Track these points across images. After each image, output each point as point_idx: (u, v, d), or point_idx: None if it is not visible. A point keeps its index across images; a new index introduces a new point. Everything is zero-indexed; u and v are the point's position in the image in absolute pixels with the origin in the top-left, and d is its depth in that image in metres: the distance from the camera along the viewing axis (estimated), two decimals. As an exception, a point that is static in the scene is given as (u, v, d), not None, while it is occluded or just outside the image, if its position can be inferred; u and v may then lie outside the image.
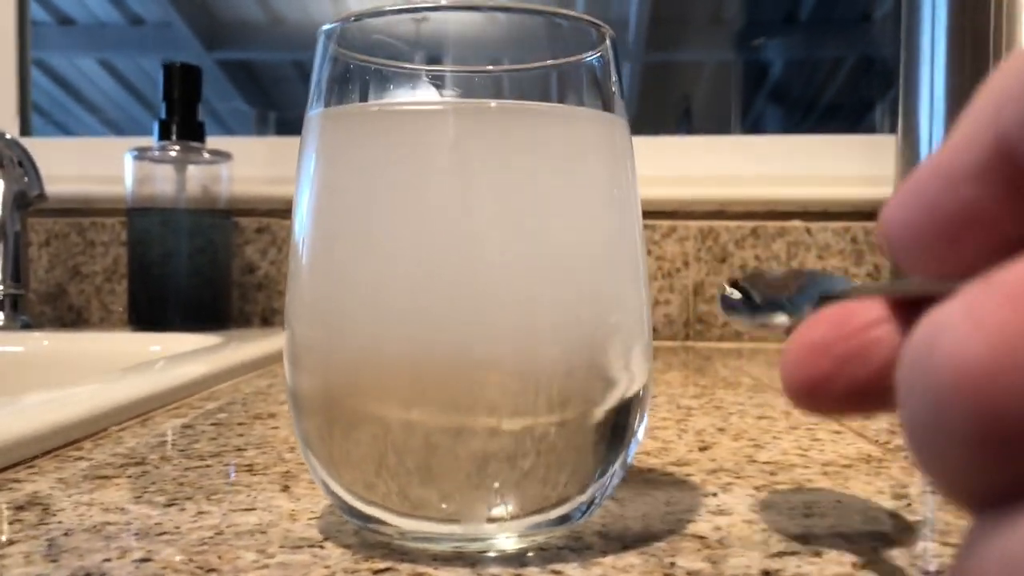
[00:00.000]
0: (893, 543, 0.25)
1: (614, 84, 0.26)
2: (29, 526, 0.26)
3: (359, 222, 0.24)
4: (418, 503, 0.23)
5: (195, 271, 0.87)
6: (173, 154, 0.87)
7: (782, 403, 0.50)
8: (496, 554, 0.24)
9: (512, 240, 0.23)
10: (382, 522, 0.24)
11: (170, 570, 0.23)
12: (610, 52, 0.26)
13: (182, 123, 0.86)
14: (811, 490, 0.31)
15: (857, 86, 1.75)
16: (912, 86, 0.73)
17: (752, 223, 0.92)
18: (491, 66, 0.26)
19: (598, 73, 0.26)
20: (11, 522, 0.27)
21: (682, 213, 0.93)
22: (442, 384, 0.23)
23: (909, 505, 0.29)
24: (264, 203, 0.95)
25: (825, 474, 0.33)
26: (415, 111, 0.24)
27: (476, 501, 0.23)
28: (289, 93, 2.47)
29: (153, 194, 0.88)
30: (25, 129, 1.04)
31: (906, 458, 0.36)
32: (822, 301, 0.14)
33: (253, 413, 0.46)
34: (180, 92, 0.86)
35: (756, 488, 0.31)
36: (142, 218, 0.87)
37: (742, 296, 0.20)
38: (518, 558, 0.23)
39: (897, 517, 0.28)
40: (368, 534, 0.25)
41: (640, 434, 0.26)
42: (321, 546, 0.25)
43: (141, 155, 0.87)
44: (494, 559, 0.23)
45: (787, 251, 0.92)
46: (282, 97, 2.61)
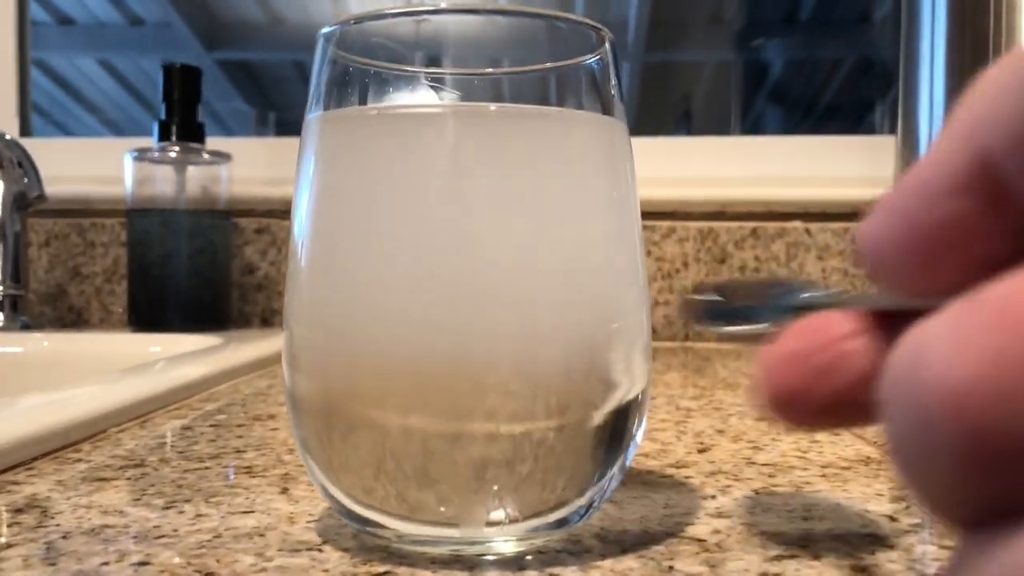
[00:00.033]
0: (892, 546, 0.25)
1: (613, 87, 0.26)
2: (27, 529, 0.26)
3: (358, 225, 0.24)
4: (416, 506, 0.23)
5: (195, 272, 0.87)
6: (173, 155, 0.87)
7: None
8: (494, 558, 0.24)
9: (511, 243, 0.23)
10: (380, 525, 0.24)
11: (168, 574, 0.23)
12: (609, 55, 0.26)
13: (182, 124, 0.86)
14: (810, 492, 0.31)
15: (857, 87, 1.76)
16: (912, 87, 0.73)
17: (752, 224, 0.92)
18: (490, 69, 0.26)
19: (597, 76, 0.26)
20: (9, 525, 0.27)
21: (681, 214, 0.93)
22: (441, 387, 0.23)
23: (908, 508, 0.29)
24: (264, 204, 0.95)
25: (824, 476, 0.33)
26: (414, 114, 0.24)
27: (475, 505, 0.23)
28: (289, 93, 2.47)
29: (153, 195, 0.88)
30: (25, 129, 1.04)
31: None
32: (799, 311, 0.14)
33: (252, 414, 0.46)
34: (180, 93, 0.86)
35: (755, 490, 0.31)
36: (142, 219, 0.87)
37: (712, 303, 0.19)
38: (516, 562, 0.23)
39: (896, 520, 0.28)
40: (366, 537, 0.25)
41: (639, 437, 0.26)
42: (320, 549, 0.25)
43: (141, 156, 0.87)
44: (492, 563, 0.23)
45: (787, 252, 0.92)
46: (282, 97, 2.61)
